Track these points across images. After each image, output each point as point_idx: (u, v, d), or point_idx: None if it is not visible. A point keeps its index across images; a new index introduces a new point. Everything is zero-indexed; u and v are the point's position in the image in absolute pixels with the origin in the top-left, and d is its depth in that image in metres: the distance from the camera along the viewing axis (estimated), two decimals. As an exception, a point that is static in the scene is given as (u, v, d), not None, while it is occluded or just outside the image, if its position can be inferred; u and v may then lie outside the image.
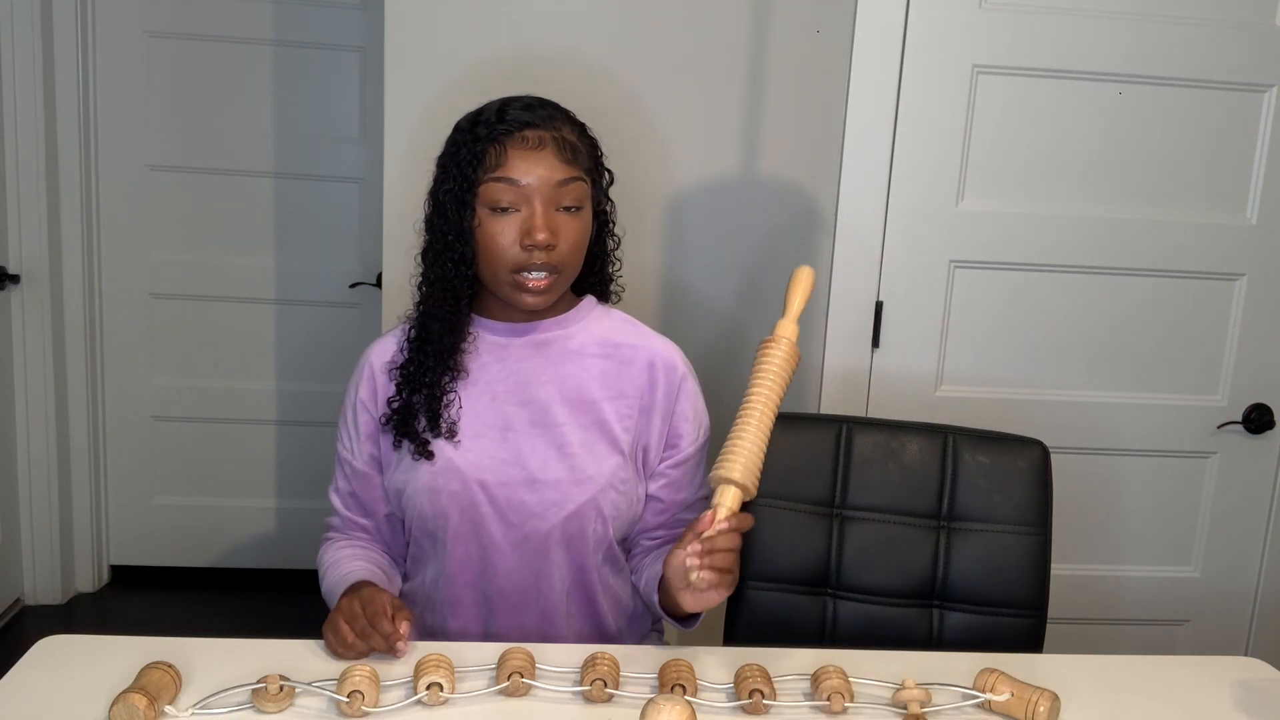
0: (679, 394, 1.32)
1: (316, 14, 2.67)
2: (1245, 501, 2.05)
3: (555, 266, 1.22)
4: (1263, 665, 1.24)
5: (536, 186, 1.20)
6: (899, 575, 1.45)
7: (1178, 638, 2.11)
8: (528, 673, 1.07)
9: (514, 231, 1.20)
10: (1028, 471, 1.46)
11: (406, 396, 1.26)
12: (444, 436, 1.25)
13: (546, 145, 1.21)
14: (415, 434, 1.26)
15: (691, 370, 1.35)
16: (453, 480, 1.25)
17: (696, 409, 1.34)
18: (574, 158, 1.23)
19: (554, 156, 1.21)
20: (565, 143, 1.22)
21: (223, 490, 2.89)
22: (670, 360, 1.32)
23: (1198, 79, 1.89)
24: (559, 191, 1.21)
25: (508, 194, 1.20)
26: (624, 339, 1.32)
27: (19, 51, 2.46)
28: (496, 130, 1.21)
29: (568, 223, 1.22)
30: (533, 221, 1.20)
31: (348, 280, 2.80)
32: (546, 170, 1.20)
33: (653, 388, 1.30)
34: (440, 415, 1.25)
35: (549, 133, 1.22)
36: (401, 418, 1.27)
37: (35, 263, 2.56)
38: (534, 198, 1.20)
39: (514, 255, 1.21)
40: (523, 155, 1.20)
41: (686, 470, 1.35)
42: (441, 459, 1.25)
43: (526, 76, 1.95)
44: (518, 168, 1.20)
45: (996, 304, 1.96)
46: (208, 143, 2.72)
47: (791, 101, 2.02)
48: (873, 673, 1.12)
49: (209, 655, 1.10)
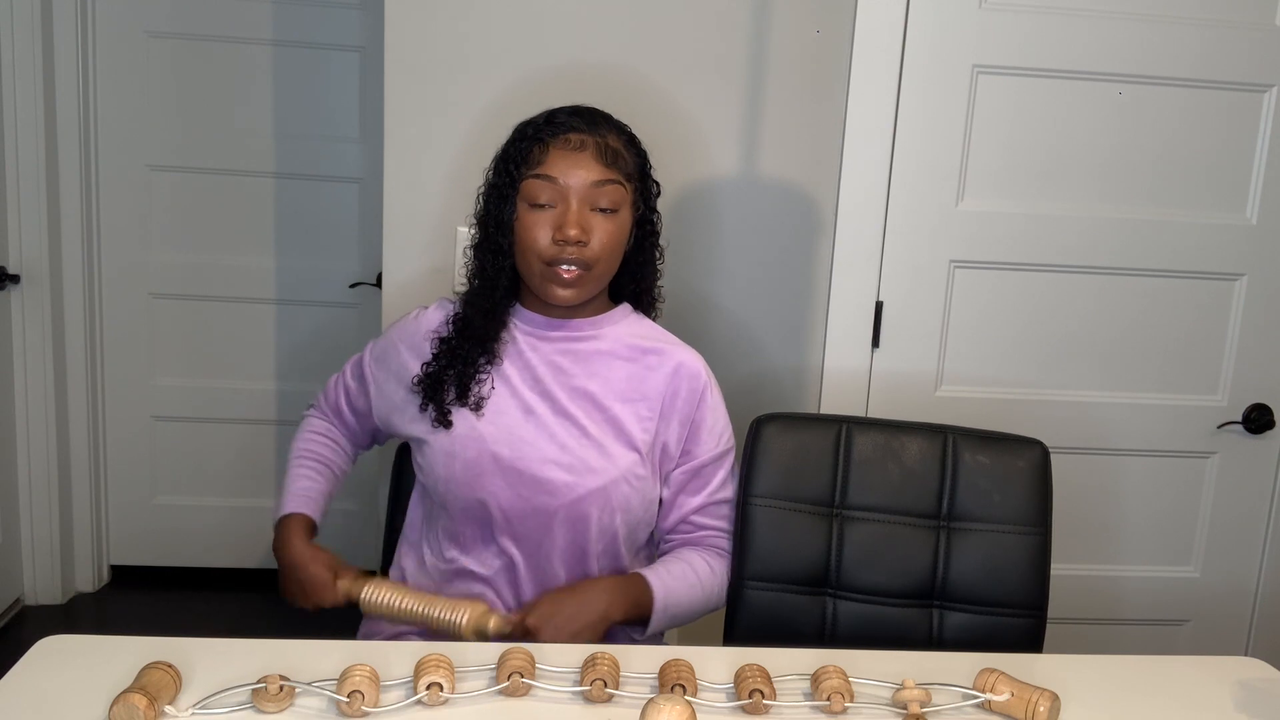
0: (700, 402, 1.37)
1: (316, 14, 2.67)
2: (1245, 501, 2.05)
3: (586, 263, 1.28)
4: (1263, 665, 1.24)
5: (574, 186, 1.27)
6: (899, 575, 1.45)
7: (1178, 638, 2.10)
8: (528, 673, 1.07)
9: (549, 226, 1.27)
10: (1028, 471, 1.46)
11: (441, 367, 1.33)
12: (469, 408, 1.32)
13: (588, 148, 1.28)
14: (441, 402, 1.32)
15: (714, 382, 1.40)
16: (469, 447, 1.31)
17: (716, 418, 1.39)
18: (614, 162, 1.29)
19: (593, 159, 1.27)
20: (607, 147, 1.28)
21: (223, 490, 2.89)
22: (694, 369, 1.38)
23: (1198, 79, 1.89)
24: (595, 192, 1.27)
25: (546, 191, 1.27)
26: (651, 345, 1.38)
27: (19, 51, 2.46)
28: (543, 131, 1.29)
29: (601, 223, 1.28)
30: (566, 217, 1.26)
31: (348, 280, 2.80)
32: (585, 170, 1.27)
33: (674, 395, 1.36)
34: (470, 389, 1.32)
35: (591, 136, 1.28)
36: (433, 383, 1.33)
37: (35, 263, 2.56)
38: (570, 196, 1.27)
39: (547, 248, 1.27)
40: (563, 155, 1.27)
41: (702, 477, 1.39)
42: (463, 427, 1.32)
43: (527, 76, 1.95)
44: (557, 166, 1.27)
45: (996, 304, 1.96)
46: (208, 143, 2.72)
47: (791, 101, 2.02)
48: (873, 673, 1.12)
49: (209, 655, 1.10)
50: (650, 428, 1.34)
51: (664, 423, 1.35)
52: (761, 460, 1.47)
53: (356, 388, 1.47)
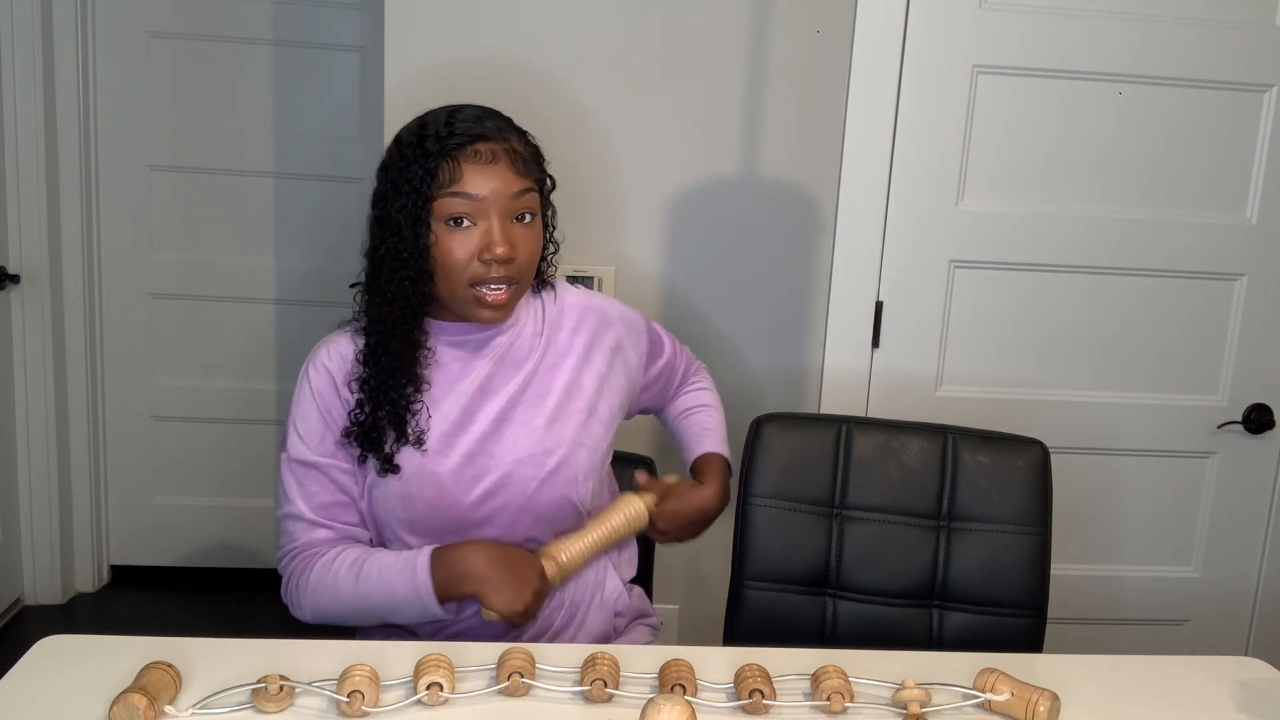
0: (645, 330, 1.44)
1: (316, 14, 2.67)
2: (1245, 501, 2.05)
3: (513, 278, 1.23)
4: (1263, 665, 1.24)
5: (493, 200, 1.20)
6: (899, 575, 1.45)
7: (1178, 638, 2.11)
8: (528, 673, 1.07)
9: (472, 245, 1.20)
10: (1027, 471, 1.46)
11: (370, 411, 1.26)
12: (412, 445, 1.26)
13: (500, 158, 1.21)
14: (381, 449, 1.26)
15: (618, 303, 1.45)
16: (426, 487, 1.27)
17: (653, 331, 1.47)
18: (525, 169, 1.23)
19: (508, 169, 1.21)
20: (516, 154, 1.23)
21: (223, 490, 2.89)
22: (625, 314, 1.42)
23: (1198, 79, 1.89)
24: (514, 203, 1.22)
25: (464, 208, 1.20)
26: (564, 303, 1.38)
27: (19, 51, 2.46)
28: (448, 145, 1.20)
29: (523, 234, 1.24)
30: (491, 236, 1.20)
31: (348, 280, 2.78)
32: (501, 183, 1.20)
33: (614, 328, 1.39)
34: (407, 425, 1.26)
35: (500, 145, 1.22)
36: (365, 432, 1.26)
37: (35, 263, 2.56)
38: (490, 211, 1.20)
39: (472, 269, 1.21)
40: (477, 169, 1.20)
41: (666, 370, 1.49)
42: (411, 466, 1.26)
43: (526, 76, 1.95)
44: (473, 182, 1.19)
45: (996, 304, 1.96)
46: (208, 143, 2.72)
47: (791, 101, 2.02)
48: (873, 673, 1.12)
49: (209, 655, 1.10)
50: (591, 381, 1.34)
51: (617, 357, 1.38)
52: (761, 460, 1.47)
53: (324, 477, 1.29)
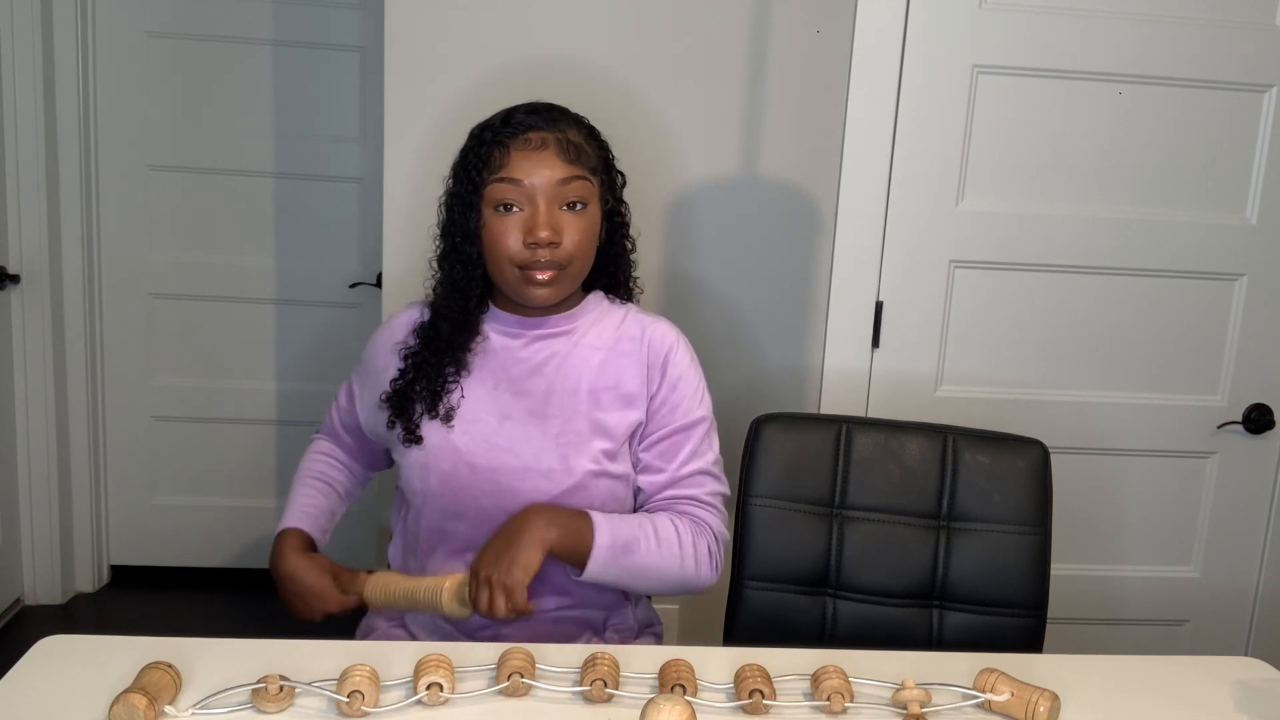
0: (666, 364, 1.32)
1: (316, 14, 2.67)
2: (1245, 501, 2.05)
3: (559, 263, 1.25)
4: (1263, 665, 1.24)
5: (539, 185, 1.24)
6: (899, 575, 1.45)
7: (1178, 638, 2.11)
8: (528, 673, 1.07)
9: (518, 229, 1.24)
10: (1028, 471, 1.46)
11: (409, 380, 1.31)
12: (440, 419, 1.30)
13: (549, 145, 1.25)
14: (409, 419, 1.30)
15: (684, 342, 1.36)
16: (444, 459, 1.29)
17: (685, 378, 1.33)
18: (577, 157, 1.26)
19: (556, 156, 1.24)
20: (568, 143, 1.26)
21: (223, 490, 2.89)
22: (661, 333, 1.34)
23: (1198, 79, 1.89)
24: (561, 190, 1.25)
25: (511, 193, 1.24)
26: (626, 331, 1.34)
27: (19, 51, 2.46)
28: (501, 134, 1.26)
29: (571, 220, 1.26)
30: (535, 219, 1.23)
31: (348, 280, 2.80)
32: (549, 169, 1.24)
33: (648, 368, 1.32)
34: (440, 400, 1.30)
35: (551, 134, 1.26)
36: (400, 399, 1.31)
37: (35, 263, 2.56)
38: (537, 196, 1.24)
39: (518, 253, 1.25)
40: (525, 155, 1.24)
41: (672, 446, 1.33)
42: (435, 438, 1.29)
43: (527, 76, 1.95)
44: (520, 167, 1.24)
45: (996, 304, 1.96)
46: (208, 143, 2.72)
47: (791, 101, 2.02)
48: (873, 673, 1.12)
49: (209, 655, 1.10)
50: (630, 416, 1.31)
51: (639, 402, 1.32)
52: (761, 460, 1.47)
53: (347, 406, 1.46)
